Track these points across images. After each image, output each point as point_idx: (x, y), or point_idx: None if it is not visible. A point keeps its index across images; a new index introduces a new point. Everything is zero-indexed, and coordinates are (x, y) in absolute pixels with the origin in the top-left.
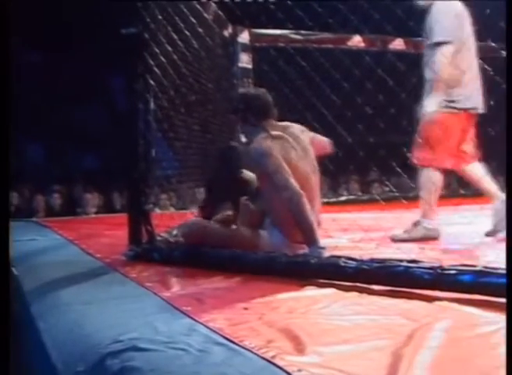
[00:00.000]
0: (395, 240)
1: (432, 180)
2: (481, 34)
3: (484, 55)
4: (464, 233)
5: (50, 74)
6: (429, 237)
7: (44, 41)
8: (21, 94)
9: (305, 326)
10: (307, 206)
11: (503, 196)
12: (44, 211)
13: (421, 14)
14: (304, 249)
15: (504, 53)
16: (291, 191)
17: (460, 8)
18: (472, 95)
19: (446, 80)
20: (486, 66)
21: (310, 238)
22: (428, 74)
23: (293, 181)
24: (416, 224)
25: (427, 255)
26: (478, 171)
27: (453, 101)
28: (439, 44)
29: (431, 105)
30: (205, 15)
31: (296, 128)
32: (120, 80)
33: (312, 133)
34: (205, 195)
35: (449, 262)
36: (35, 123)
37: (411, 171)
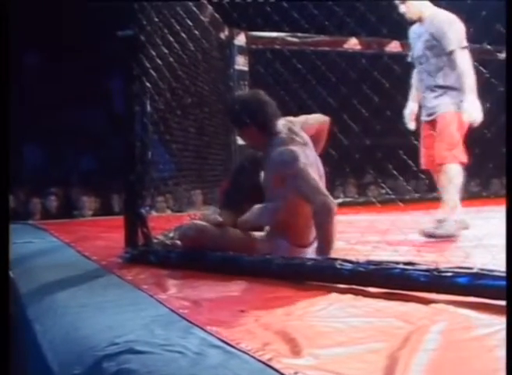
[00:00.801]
0: (424, 235)
1: (457, 176)
2: (476, 37)
3: (479, 58)
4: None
5: (47, 76)
6: (455, 235)
7: (42, 43)
8: (18, 96)
9: (301, 328)
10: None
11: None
12: (40, 213)
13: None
14: (304, 253)
15: (500, 56)
16: (323, 197)
17: (456, 17)
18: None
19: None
20: (482, 69)
21: (324, 249)
22: (432, 79)
23: (323, 187)
24: (442, 222)
25: (424, 258)
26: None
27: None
28: (455, 50)
29: (477, 106)
30: (202, 17)
31: (297, 123)
32: (117, 83)
33: (302, 120)
34: (223, 202)
35: (445, 264)
36: (32, 125)
37: (407, 174)
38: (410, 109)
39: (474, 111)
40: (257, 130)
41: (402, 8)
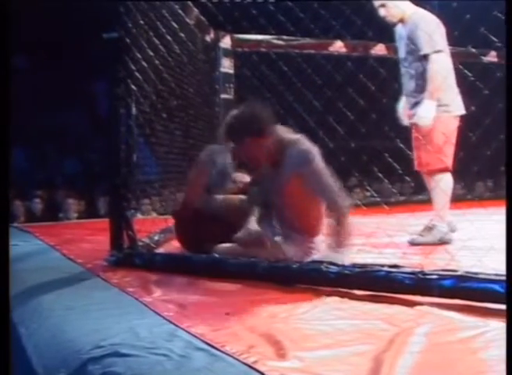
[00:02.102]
0: (413, 244)
1: (446, 182)
2: (461, 40)
3: (464, 60)
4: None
5: (30, 78)
6: (445, 241)
7: (26, 46)
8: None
9: (287, 331)
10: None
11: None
12: (24, 216)
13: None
14: (314, 243)
15: (484, 59)
16: (339, 196)
17: (435, 18)
18: (457, 99)
19: (440, 86)
20: (467, 72)
21: (341, 243)
22: (414, 83)
23: (337, 186)
24: (430, 228)
25: (409, 261)
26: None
27: (447, 105)
28: (429, 54)
29: (430, 112)
30: (187, 20)
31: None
32: (102, 85)
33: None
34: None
35: (430, 267)
36: (15, 127)
37: (392, 176)
38: (403, 104)
39: (425, 116)
40: (258, 137)
41: (381, 12)
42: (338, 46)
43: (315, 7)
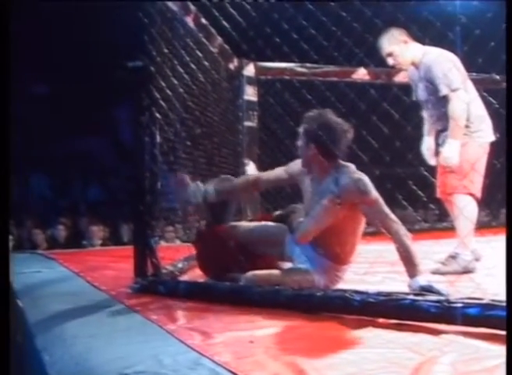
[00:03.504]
0: (436, 274)
1: (470, 210)
2: (484, 66)
3: (488, 87)
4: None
5: (54, 105)
6: (469, 270)
7: (51, 73)
8: (25, 126)
9: (311, 359)
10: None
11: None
12: (46, 243)
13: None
14: (343, 271)
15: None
16: (399, 225)
17: (447, 53)
18: (484, 125)
19: (461, 124)
20: (491, 99)
21: (413, 270)
22: (440, 124)
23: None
24: (454, 257)
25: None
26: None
27: (474, 132)
28: (447, 95)
29: (454, 151)
30: (211, 48)
31: None
32: (126, 113)
33: None
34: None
35: (455, 295)
36: (38, 154)
37: (416, 204)
38: (428, 145)
39: (450, 156)
40: (323, 152)
41: (390, 61)
42: (361, 74)
43: (338, 35)
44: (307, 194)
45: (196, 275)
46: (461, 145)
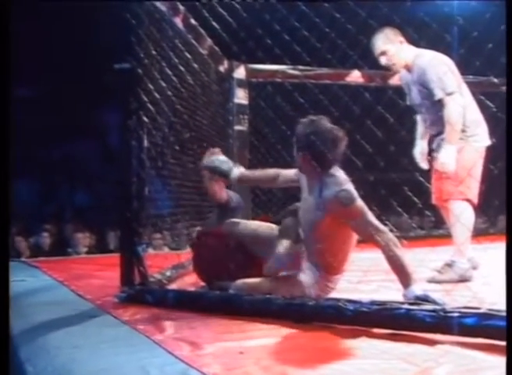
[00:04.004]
0: (432, 282)
1: (467, 217)
2: (483, 69)
3: (485, 90)
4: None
5: (39, 109)
6: (465, 279)
7: (36, 76)
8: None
9: (303, 370)
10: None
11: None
12: (29, 251)
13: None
14: (335, 282)
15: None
16: (387, 235)
17: (441, 56)
18: (480, 130)
19: (457, 129)
20: (488, 103)
21: (407, 279)
22: (435, 128)
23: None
24: (450, 265)
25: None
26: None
27: (470, 137)
28: (442, 99)
29: (451, 157)
30: (200, 50)
31: None
32: (113, 117)
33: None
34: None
35: (451, 304)
36: (23, 159)
37: (412, 210)
38: (421, 149)
39: (446, 162)
40: (311, 159)
41: (383, 60)
42: (355, 76)
43: (332, 36)
44: (302, 198)
45: (185, 283)
46: (457, 150)
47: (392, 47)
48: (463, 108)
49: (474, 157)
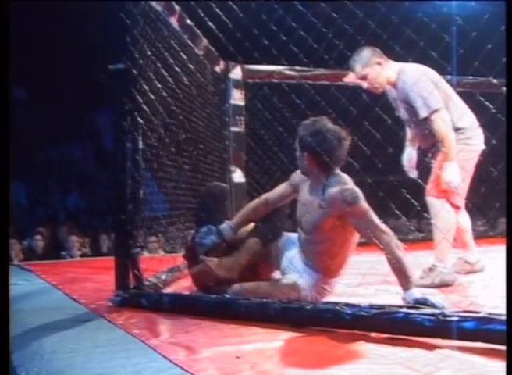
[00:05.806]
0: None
1: (441, 212)
2: (482, 70)
3: (484, 91)
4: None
5: (33, 111)
6: (447, 283)
7: (28, 78)
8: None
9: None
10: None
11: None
12: (22, 254)
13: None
14: (333, 284)
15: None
16: (390, 236)
17: (423, 68)
18: (475, 134)
19: (451, 144)
20: (488, 104)
21: (407, 282)
22: (425, 143)
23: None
24: (431, 269)
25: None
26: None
27: (468, 139)
28: (428, 116)
29: (454, 174)
30: (196, 50)
31: None
32: (108, 118)
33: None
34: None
35: (450, 308)
36: (17, 160)
37: (410, 213)
38: (409, 157)
39: (452, 180)
40: (316, 161)
41: (364, 85)
42: (353, 77)
43: (329, 36)
44: (302, 200)
45: (180, 287)
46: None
47: (371, 70)
48: (451, 121)
49: (473, 157)
